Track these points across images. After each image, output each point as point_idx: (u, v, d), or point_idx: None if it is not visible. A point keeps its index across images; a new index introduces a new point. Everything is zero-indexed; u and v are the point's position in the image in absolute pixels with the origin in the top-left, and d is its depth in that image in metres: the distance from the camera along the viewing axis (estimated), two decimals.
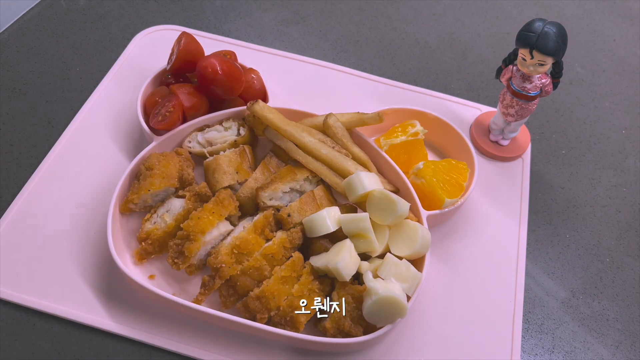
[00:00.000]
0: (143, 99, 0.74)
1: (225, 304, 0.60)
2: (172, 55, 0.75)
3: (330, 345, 0.58)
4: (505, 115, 0.75)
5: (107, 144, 0.75)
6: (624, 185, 0.80)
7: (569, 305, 0.68)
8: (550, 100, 0.89)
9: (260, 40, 0.92)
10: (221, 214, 0.62)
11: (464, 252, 0.70)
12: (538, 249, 0.73)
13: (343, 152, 0.68)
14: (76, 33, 0.90)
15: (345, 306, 0.58)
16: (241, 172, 0.67)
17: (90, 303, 0.62)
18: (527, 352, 0.64)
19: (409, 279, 0.59)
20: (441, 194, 0.66)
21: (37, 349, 0.59)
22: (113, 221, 0.62)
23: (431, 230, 0.65)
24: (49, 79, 0.84)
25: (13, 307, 0.62)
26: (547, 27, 0.64)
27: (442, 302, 0.65)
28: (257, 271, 0.60)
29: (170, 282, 0.64)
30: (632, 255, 0.73)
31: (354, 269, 0.59)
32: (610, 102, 0.90)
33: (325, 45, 0.93)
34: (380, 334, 0.57)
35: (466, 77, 0.91)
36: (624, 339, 0.66)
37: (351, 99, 0.84)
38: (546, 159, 0.82)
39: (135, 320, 0.61)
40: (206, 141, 0.71)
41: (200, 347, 0.60)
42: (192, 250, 0.60)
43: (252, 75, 0.77)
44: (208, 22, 0.95)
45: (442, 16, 1.00)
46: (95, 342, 0.60)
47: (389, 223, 0.62)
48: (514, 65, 0.71)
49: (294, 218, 0.63)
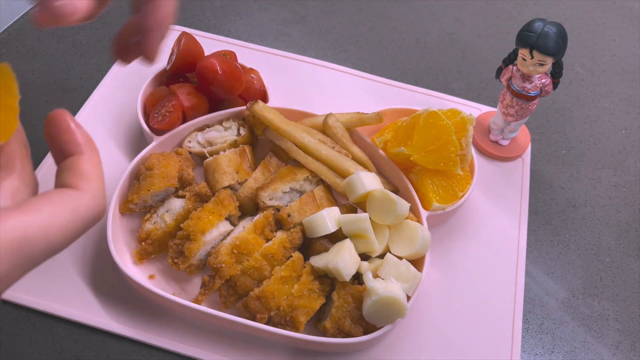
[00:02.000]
0: (143, 99, 0.74)
1: (225, 304, 0.60)
2: (172, 55, 0.75)
3: (330, 345, 0.58)
4: (505, 115, 0.75)
5: (107, 144, 0.75)
6: (624, 185, 0.80)
7: (569, 305, 0.68)
8: (550, 100, 0.89)
9: (260, 40, 0.92)
10: (221, 214, 0.62)
11: (463, 252, 0.70)
12: (538, 249, 0.73)
13: (343, 152, 0.68)
14: (76, 33, 0.90)
15: (345, 306, 0.58)
16: (241, 172, 0.67)
17: (90, 303, 0.62)
18: (527, 352, 0.64)
19: (409, 279, 0.59)
20: (432, 197, 0.66)
21: (37, 349, 0.59)
22: (113, 221, 0.62)
23: (431, 230, 0.65)
24: (49, 79, 0.84)
25: (13, 307, 0.62)
26: (547, 27, 0.64)
27: (442, 302, 0.66)
28: (257, 271, 0.60)
29: (170, 282, 0.64)
30: (632, 255, 0.73)
31: (354, 269, 0.59)
32: (610, 102, 0.90)
33: (325, 45, 0.93)
34: (380, 334, 0.57)
35: (466, 77, 0.91)
36: (624, 339, 0.66)
37: (351, 99, 0.84)
38: (546, 159, 0.82)
39: (135, 320, 0.61)
40: (206, 141, 0.71)
41: (200, 347, 0.60)
42: (192, 250, 0.60)
43: (252, 75, 0.77)
44: (208, 22, 0.95)
45: (442, 16, 1.00)
46: (95, 342, 0.60)
47: (389, 223, 0.62)
48: (514, 65, 0.71)
49: (294, 218, 0.63)
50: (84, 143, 0.33)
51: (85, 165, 0.32)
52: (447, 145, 0.64)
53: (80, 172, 0.32)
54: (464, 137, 0.66)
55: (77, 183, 0.31)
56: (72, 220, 0.30)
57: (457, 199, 0.68)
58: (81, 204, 0.30)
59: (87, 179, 0.32)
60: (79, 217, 0.30)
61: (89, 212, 0.31)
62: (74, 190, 0.31)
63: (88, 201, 0.31)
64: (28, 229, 0.27)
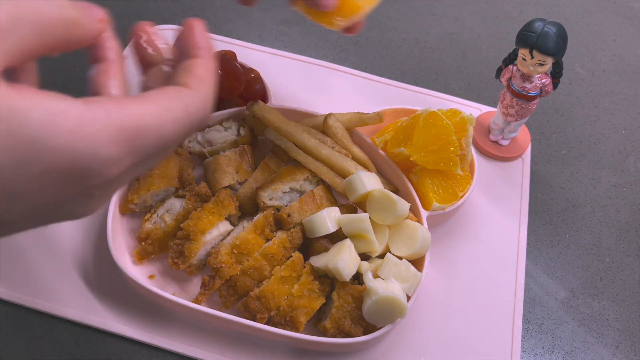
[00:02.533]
0: None
1: (225, 304, 0.60)
2: None
3: (330, 345, 0.58)
4: (505, 115, 0.75)
5: None
6: (624, 185, 0.80)
7: (569, 305, 0.68)
8: (550, 100, 0.89)
9: (260, 40, 0.92)
10: (221, 214, 0.62)
11: (463, 252, 0.70)
12: (538, 249, 0.73)
13: (343, 152, 0.68)
14: None
15: (345, 306, 0.58)
16: (241, 172, 0.67)
17: (90, 303, 0.62)
18: (527, 352, 0.64)
19: (409, 279, 0.59)
20: (432, 197, 0.66)
21: (37, 349, 0.59)
22: (113, 221, 0.62)
23: (431, 230, 0.65)
24: (49, 79, 0.84)
25: (13, 307, 0.62)
26: (547, 27, 0.64)
27: (442, 302, 0.66)
28: (257, 271, 0.60)
29: (170, 282, 0.64)
30: (632, 255, 0.73)
31: (354, 269, 0.59)
32: (610, 102, 0.90)
33: (325, 45, 0.93)
34: (380, 334, 0.57)
35: (466, 77, 0.91)
36: (624, 339, 0.66)
37: (351, 99, 0.84)
38: (546, 159, 0.82)
39: (135, 320, 0.61)
40: (206, 141, 0.71)
41: (200, 347, 0.60)
42: (192, 250, 0.60)
43: (252, 75, 0.77)
44: (208, 22, 0.94)
45: (442, 16, 1.00)
46: (95, 342, 0.60)
47: (389, 223, 0.62)
48: (514, 65, 0.71)
49: (294, 218, 0.63)
50: (204, 48, 0.36)
51: (201, 69, 0.35)
52: (447, 145, 0.64)
53: (196, 73, 0.34)
54: (464, 137, 0.66)
55: (192, 83, 0.33)
56: (184, 117, 0.31)
57: (457, 199, 0.68)
58: (193, 103, 0.32)
59: (202, 81, 0.34)
60: (190, 114, 0.32)
61: (198, 112, 0.33)
62: (189, 90, 0.33)
63: (199, 102, 0.33)
64: (143, 118, 0.29)
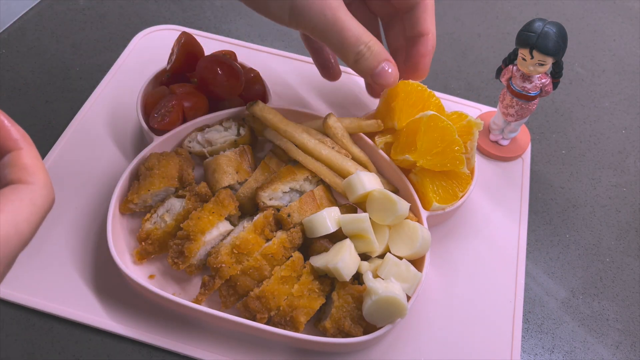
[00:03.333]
0: (143, 99, 0.74)
1: (225, 304, 0.60)
2: (172, 55, 0.75)
3: (330, 345, 0.58)
4: (505, 115, 0.75)
5: (107, 144, 0.75)
6: (624, 185, 0.80)
7: (569, 305, 0.68)
8: (550, 100, 0.89)
9: (260, 40, 0.92)
10: (221, 214, 0.62)
11: (463, 252, 0.70)
12: (538, 249, 0.73)
13: (343, 152, 0.68)
14: (76, 33, 0.90)
15: (345, 306, 0.58)
16: (241, 172, 0.67)
17: (90, 303, 0.62)
18: (527, 352, 0.64)
19: (409, 279, 0.59)
20: (432, 197, 0.66)
21: (37, 349, 0.59)
22: (113, 221, 0.62)
23: (431, 230, 0.65)
24: (49, 79, 0.84)
25: (13, 307, 0.62)
26: (547, 27, 0.64)
27: (442, 302, 0.66)
28: (257, 271, 0.60)
29: (170, 282, 0.64)
30: (632, 255, 0.73)
31: (354, 269, 0.59)
32: (610, 102, 0.90)
33: None
34: (380, 334, 0.57)
35: (466, 77, 0.91)
36: (624, 339, 0.66)
37: (352, 100, 0.84)
38: (546, 159, 0.82)
39: (135, 320, 0.61)
40: (206, 141, 0.71)
41: (200, 347, 0.60)
42: (192, 250, 0.60)
43: (252, 75, 0.77)
44: (208, 22, 0.95)
45: (442, 16, 1.00)
46: (95, 342, 0.60)
47: (389, 223, 0.62)
48: (514, 65, 0.71)
49: (294, 218, 0.63)
50: (21, 138, 0.35)
51: (27, 159, 0.34)
52: (451, 145, 0.64)
53: (25, 166, 0.34)
54: (469, 140, 0.66)
55: (25, 177, 0.34)
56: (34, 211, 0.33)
57: (457, 199, 0.68)
58: (36, 195, 0.33)
59: (34, 172, 0.34)
60: (38, 207, 0.33)
61: (45, 202, 0.34)
62: (26, 185, 0.33)
63: (41, 192, 0.34)
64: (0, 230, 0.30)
